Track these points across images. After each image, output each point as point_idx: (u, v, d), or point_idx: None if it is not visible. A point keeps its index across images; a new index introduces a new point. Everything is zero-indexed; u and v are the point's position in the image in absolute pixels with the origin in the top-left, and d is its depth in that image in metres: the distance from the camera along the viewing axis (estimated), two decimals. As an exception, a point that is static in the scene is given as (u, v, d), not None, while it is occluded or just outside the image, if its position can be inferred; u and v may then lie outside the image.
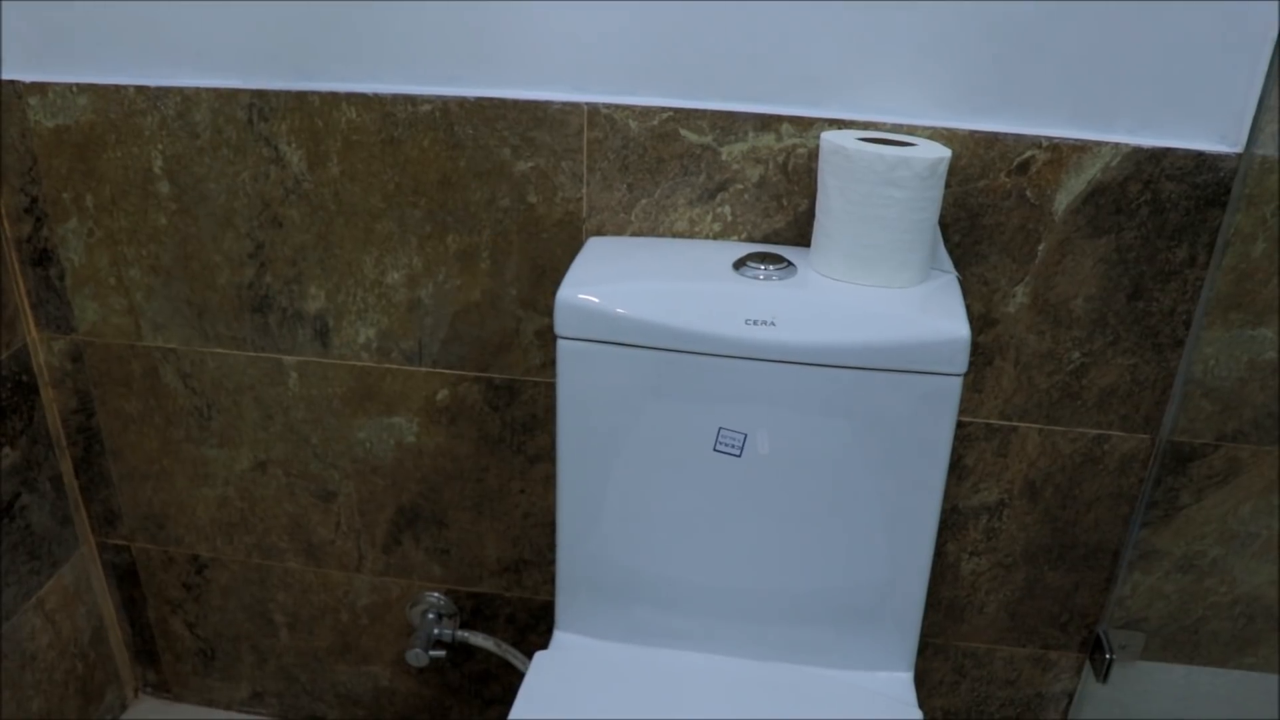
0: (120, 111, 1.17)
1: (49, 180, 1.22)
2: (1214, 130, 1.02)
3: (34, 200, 1.24)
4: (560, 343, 1.01)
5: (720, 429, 1.02)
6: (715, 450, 1.03)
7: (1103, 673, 1.31)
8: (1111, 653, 1.30)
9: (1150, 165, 1.03)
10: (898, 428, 1.00)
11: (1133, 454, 1.19)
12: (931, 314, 0.97)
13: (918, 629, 1.11)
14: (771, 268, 1.02)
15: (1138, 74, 1.01)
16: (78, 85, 1.16)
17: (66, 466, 1.44)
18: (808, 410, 1.00)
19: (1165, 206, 1.05)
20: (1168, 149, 1.03)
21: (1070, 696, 1.39)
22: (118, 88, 1.16)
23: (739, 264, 1.03)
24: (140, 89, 1.15)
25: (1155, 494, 1.21)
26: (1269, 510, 1.20)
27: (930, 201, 0.97)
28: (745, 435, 1.02)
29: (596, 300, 0.99)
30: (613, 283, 1.00)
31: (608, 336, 0.99)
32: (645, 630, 1.15)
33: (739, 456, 1.03)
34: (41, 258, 1.28)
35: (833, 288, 1.00)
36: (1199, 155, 1.03)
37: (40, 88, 1.17)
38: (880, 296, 0.99)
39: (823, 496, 1.04)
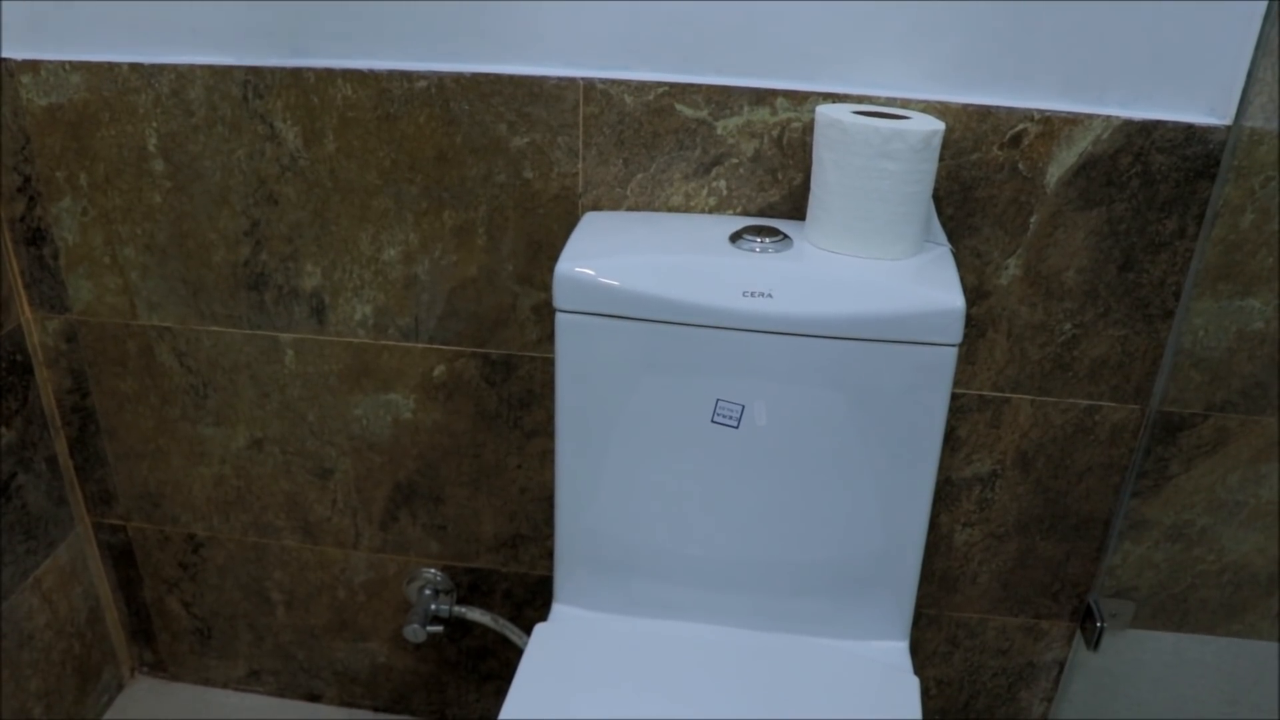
0: (114, 89, 1.16)
1: (42, 159, 1.22)
2: (1204, 103, 1.03)
3: (27, 179, 1.24)
4: (559, 316, 1.01)
5: (718, 401, 1.03)
6: (713, 422, 1.04)
7: (1093, 641, 1.33)
8: (1102, 621, 1.32)
9: (1141, 138, 1.04)
10: (894, 398, 1.01)
11: (1123, 424, 1.21)
12: (926, 285, 0.98)
13: (913, 598, 1.13)
14: (767, 240, 1.03)
15: (1128, 47, 1.02)
16: (70, 63, 1.16)
17: (61, 446, 1.44)
18: (804, 381, 1.01)
19: (1156, 178, 1.06)
20: (1158, 121, 1.04)
21: (1061, 665, 1.41)
22: (111, 65, 1.15)
23: (735, 237, 1.04)
24: (134, 66, 1.15)
25: (1145, 464, 1.22)
26: (1256, 479, 1.22)
27: (924, 174, 0.98)
28: (743, 407, 1.03)
29: (595, 274, 0.99)
30: (611, 256, 1.01)
31: (606, 310, 1.00)
32: (643, 602, 1.16)
33: (736, 428, 1.04)
34: (35, 237, 1.28)
35: (828, 260, 1.01)
36: (1189, 128, 1.04)
37: (32, 66, 1.16)
38: (875, 268, 1.00)
39: (819, 467, 1.05)
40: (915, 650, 1.42)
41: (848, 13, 1.03)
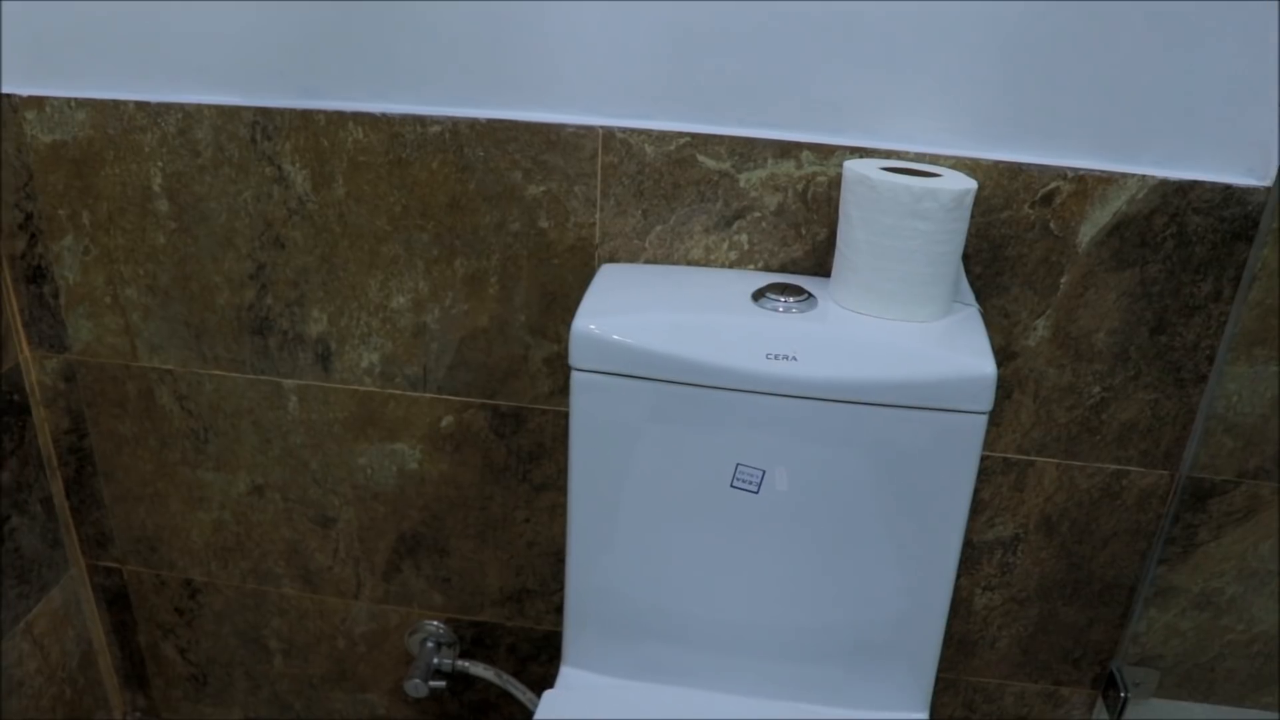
0: (119, 127, 1.13)
1: (45, 196, 1.19)
2: (1242, 163, 1.00)
3: (29, 216, 1.20)
4: (575, 375, 0.98)
5: (738, 465, 0.99)
6: (732, 487, 1.00)
7: (1116, 711, 1.29)
8: (1125, 690, 1.27)
9: (1177, 198, 1.01)
10: (920, 465, 0.97)
11: (1151, 490, 1.17)
12: (957, 350, 0.94)
13: (934, 669, 1.09)
14: (791, 299, 0.99)
15: (1165, 106, 0.98)
16: (76, 100, 1.13)
17: (57, 488, 1.40)
18: (828, 446, 0.97)
19: (1191, 240, 1.03)
20: (1195, 181, 1.01)
21: (1082, 733, 1.37)
22: (117, 103, 1.12)
23: (758, 295, 1.00)
24: (140, 105, 1.12)
25: (1173, 530, 1.19)
26: (1289, 548, 1.18)
27: (955, 234, 0.95)
28: (763, 472, 0.99)
29: (613, 332, 0.96)
30: (629, 314, 0.98)
31: (624, 369, 0.96)
32: (655, 667, 1.12)
33: (756, 493, 1.00)
34: (35, 275, 1.24)
35: (854, 321, 0.98)
36: (1227, 188, 1.01)
37: (37, 101, 1.14)
38: (903, 331, 0.96)
39: (841, 533, 1.01)
40: (931, 715, 1.38)
41: (876, 66, 1.00)
